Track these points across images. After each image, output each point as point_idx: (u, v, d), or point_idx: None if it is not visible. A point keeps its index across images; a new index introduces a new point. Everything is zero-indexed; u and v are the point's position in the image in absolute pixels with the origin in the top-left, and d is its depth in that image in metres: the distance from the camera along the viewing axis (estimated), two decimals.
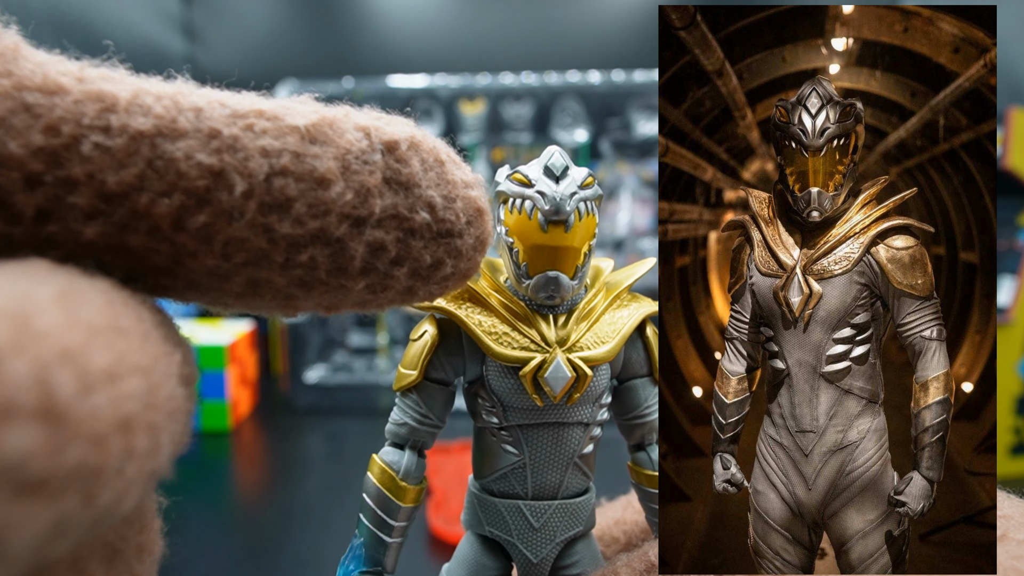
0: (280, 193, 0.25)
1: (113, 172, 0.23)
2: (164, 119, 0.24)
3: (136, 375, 0.20)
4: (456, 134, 1.78)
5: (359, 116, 0.27)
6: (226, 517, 0.98)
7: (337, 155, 0.26)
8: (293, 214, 0.25)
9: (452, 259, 0.28)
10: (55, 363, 0.17)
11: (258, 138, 0.25)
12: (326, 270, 0.26)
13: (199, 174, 0.24)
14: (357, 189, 0.26)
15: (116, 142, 0.23)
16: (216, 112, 0.25)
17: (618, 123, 1.74)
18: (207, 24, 1.85)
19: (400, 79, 1.63)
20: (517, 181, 0.37)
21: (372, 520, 0.39)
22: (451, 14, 2.01)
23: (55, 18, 1.58)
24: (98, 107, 0.23)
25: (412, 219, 0.27)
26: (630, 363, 0.41)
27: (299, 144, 0.25)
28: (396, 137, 0.27)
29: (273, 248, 0.25)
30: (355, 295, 0.28)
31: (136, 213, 0.24)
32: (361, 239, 0.26)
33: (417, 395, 0.39)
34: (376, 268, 0.27)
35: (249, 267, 0.25)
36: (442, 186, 0.28)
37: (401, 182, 0.27)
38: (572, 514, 0.40)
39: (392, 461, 0.39)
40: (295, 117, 0.26)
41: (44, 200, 0.23)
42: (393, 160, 0.27)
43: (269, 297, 0.27)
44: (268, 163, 0.24)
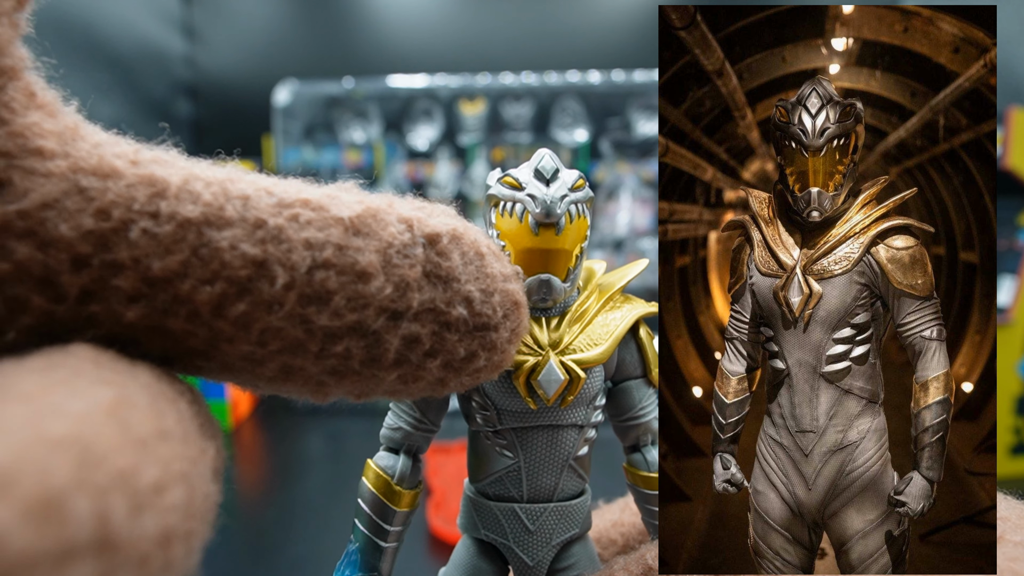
0: (321, 286, 0.25)
1: (158, 258, 0.23)
2: (212, 207, 0.24)
3: (179, 484, 0.20)
4: (456, 134, 1.78)
5: (403, 206, 0.27)
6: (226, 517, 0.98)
7: (379, 248, 0.26)
8: (332, 307, 0.25)
9: (486, 352, 0.28)
10: (111, 491, 0.17)
11: (302, 229, 0.25)
12: (360, 361, 0.26)
13: (242, 264, 0.24)
14: (397, 283, 0.26)
15: (164, 229, 0.23)
16: (263, 201, 0.25)
17: (618, 123, 1.74)
18: (207, 24, 1.85)
19: (400, 79, 1.63)
20: (508, 184, 0.37)
21: (367, 525, 0.39)
22: (451, 14, 2.01)
23: (55, 18, 1.57)
24: (149, 192, 0.24)
25: (449, 313, 0.27)
26: (624, 365, 0.41)
27: (342, 236, 0.25)
28: (438, 230, 0.27)
29: (309, 338, 0.25)
30: (386, 385, 0.27)
31: (178, 298, 0.24)
32: (397, 332, 0.26)
33: (411, 399, 0.39)
34: (409, 360, 0.27)
35: (284, 355, 0.25)
36: (481, 280, 0.28)
37: (441, 276, 0.27)
38: (568, 517, 0.40)
39: (387, 466, 0.39)
40: (340, 208, 0.26)
41: (89, 281, 0.23)
42: (434, 253, 0.27)
43: (301, 383, 0.27)
44: (311, 256, 0.25)
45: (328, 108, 1.63)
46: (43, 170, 0.23)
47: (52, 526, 0.15)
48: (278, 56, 1.83)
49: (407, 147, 1.74)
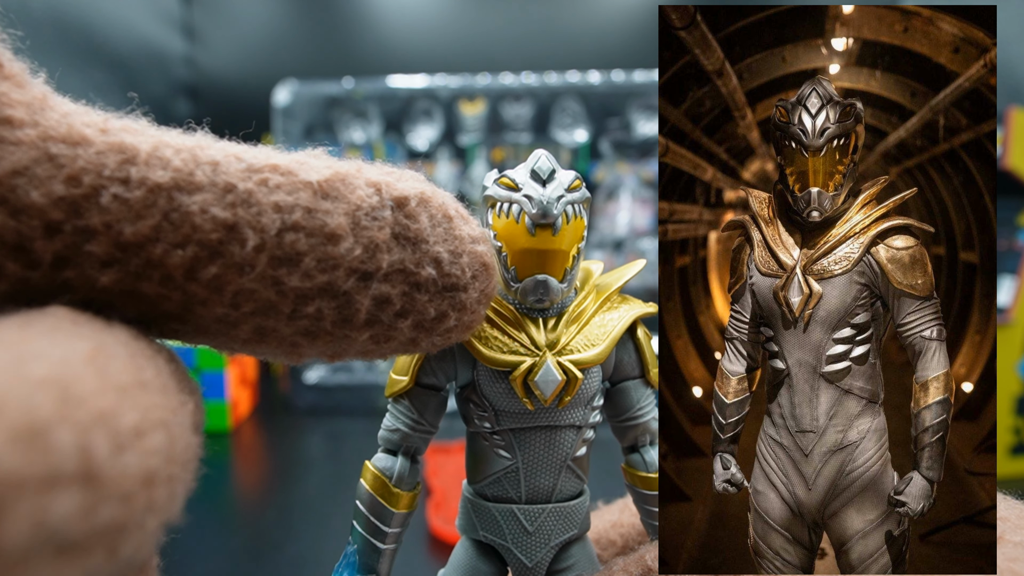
0: (291, 248, 0.25)
1: (130, 223, 0.24)
2: (182, 172, 0.24)
3: (159, 429, 0.20)
4: (456, 134, 1.78)
5: (371, 171, 0.28)
6: (226, 517, 0.98)
7: (348, 211, 0.26)
8: (302, 268, 0.25)
9: (456, 312, 0.29)
10: (93, 427, 0.18)
11: (272, 193, 0.25)
12: (331, 321, 0.27)
13: (213, 227, 0.24)
14: (366, 244, 0.26)
15: (135, 194, 0.24)
16: (232, 166, 0.25)
17: (618, 123, 1.74)
18: (207, 24, 1.85)
19: (400, 79, 1.63)
20: (504, 185, 0.37)
21: (365, 527, 0.39)
22: (451, 14, 2.01)
23: (55, 18, 1.57)
24: (119, 159, 0.24)
25: (418, 274, 0.27)
26: (621, 365, 0.41)
27: (311, 199, 0.26)
28: (406, 193, 0.28)
29: (281, 299, 0.26)
30: (359, 345, 0.28)
31: (150, 263, 0.24)
32: (367, 293, 0.27)
33: (409, 401, 0.39)
34: (380, 320, 0.27)
35: (257, 316, 0.26)
36: (449, 241, 0.28)
37: (409, 238, 0.27)
38: (566, 517, 0.39)
39: (385, 467, 0.39)
40: (308, 172, 0.26)
41: (62, 247, 0.23)
42: (402, 216, 0.27)
43: (275, 344, 0.27)
44: (280, 218, 0.25)
45: (328, 108, 1.63)
46: (12, 139, 0.23)
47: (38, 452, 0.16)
48: (278, 56, 1.83)
49: (407, 147, 1.74)
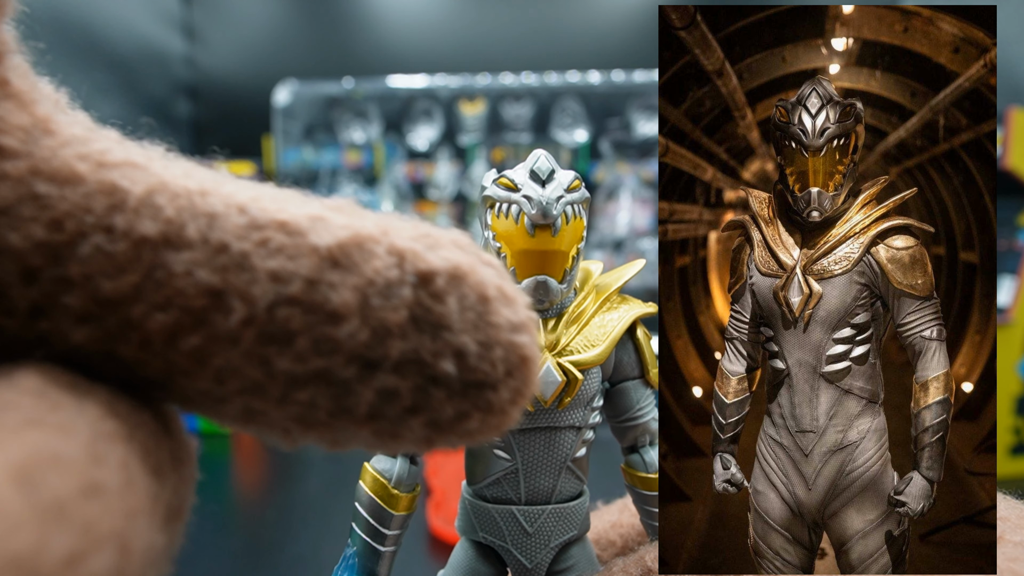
0: (283, 324, 0.22)
1: (110, 278, 0.21)
2: (173, 224, 0.22)
3: (104, 548, 0.18)
4: (456, 134, 1.78)
5: (400, 234, 0.23)
6: (226, 517, 0.98)
7: (358, 285, 0.22)
8: (295, 349, 0.22)
9: (481, 412, 0.24)
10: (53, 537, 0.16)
11: (270, 257, 0.22)
12: (327, 411, 0.23)
13: (197, 292, 0.22)
14: (375, 328, 0.22)
15: (117, 247, 0.21)
16: (231, 221, 0.22)
17: (618, 123, 1.74)
18: (207, 24, 1.85)
19: (400, 79, 1.63)
20: (503, 186, 0.37)
21: (365, 529, 0.39)
22: (451, 14, 2.01)
23: (55, 18, 1.57)
24: (107, 203, 0.22)
25: (436, 367, 0.23)
26: (621, 365, 0.41)
27: (315, 269, 0.22)
28: (434, 268, 0.23)
29: (270, 381, 0.22)
30: (360, 439, 0.24)
31: (129, 324, 0.22)
32: (371, 384, 0.23)
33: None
34: (386, 416, 0.23)
35: (244, 396, 0.23)
36: (480, 330, 0.23)
37: (430, 323, 0.23)
38: (566, 518, 0.39)
39: (384, 469, 0.39)
40: (320, 234, 0.22)
41: (39, 296, 0.22)
42: (425, 295, 0.23)
43: (266, 427, 0.24)
44: (275, 289, 0.22)
45: (328, 108, 1.63)
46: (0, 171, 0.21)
47: None
48: (278, 56, 1.83)
49: (407, 147, 1.74)
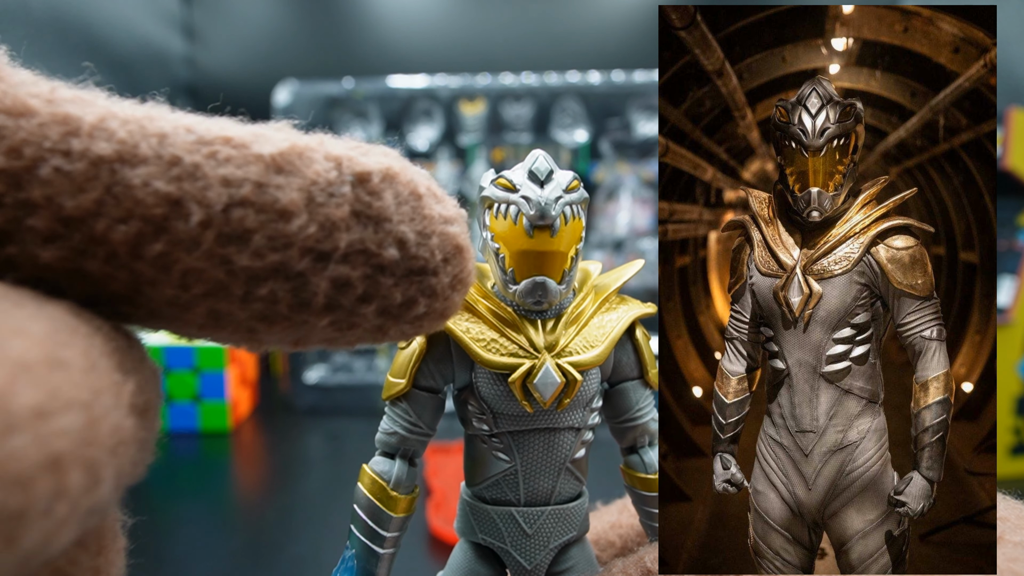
0: (239, 224, 0.24)
1: (71, 197, 0.23)
2: (126, 144, 0.23)
3: (72, 410, 0.19)
4: (456, 134, 1.78)
5: (334, 145, 0.26)
6: (226, 517, 0.98)
7: (302, 186, 0.25)
8: (252, 246, 0.24)
9: (426, 298, 0.27)
10: None
11: (220, 166, 0.24)
12: (288, 305, 0.25)
13: (156, 202, 0.23)
14: (322, 222, 0.25)
15: (76, 167, 0.23)
16: (180, 138, 0.24)
17: (618, 123, 1.74)
18: (207, 24, 1.85)
19: (400, 79, 1.63)
20: (502, 186, 0.36)
21: (363, 531, 0.39)
22: (451, 14, 2.01)
23: (55, 18, 1.57)
24: (62, 130, 0.23)
25: (381, 255, 0.26)
26: (620, 366, 0.41)
27: (262, 174, 0.24)
28: (369, 168, 0.26)
29: (232, 280, 0.24)
30: (320, 332, 0.26)
31: (93, 239, 0.23)
32: (324, 274, 0.25)
33: (407, 404, 0.39)
34: (341, 305, 0.26)
35: (209, 299, 0.25)
36: (417, 221, 0.26)
37: (371, 216, 0.25)
38: (565, 519, 0.39)
39: (383, 471, 0.39)
40: (263, 145, 0.25)
41: (3, 221, 0.23)
42: (364, 192, 0.26)
43: (231, 329, 0.26)
44: (228, 193, 0.24)
45: (328, 108, 1.63)
46: None
47: None
48: (278, 56, 1.83)
49: (407, 147, 1.74)
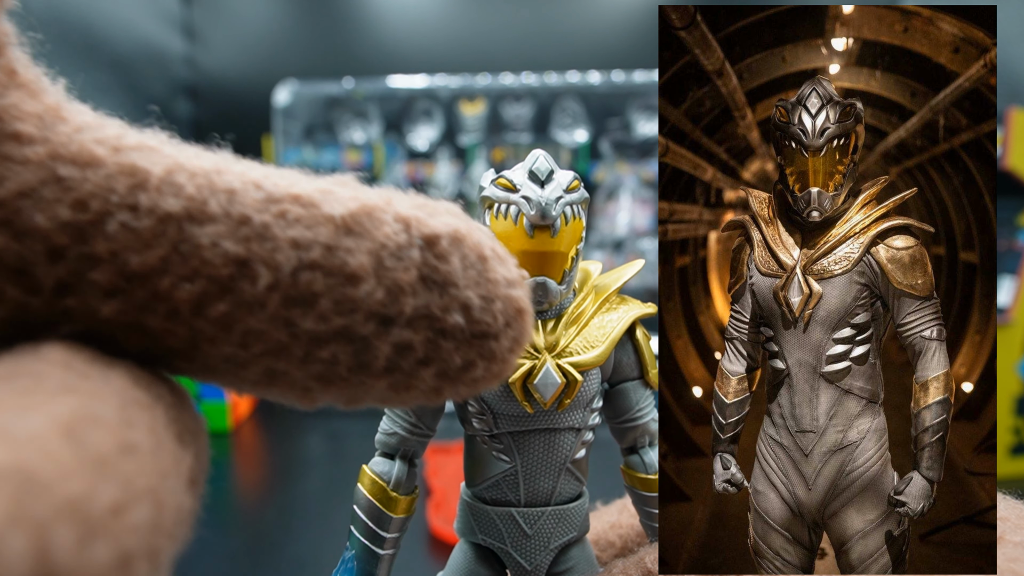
0: (306, 288, 0.23)
1: (137, 253, 0.23)
2: (195, 201, 0.23)
3: (143, 501, 0.19)
4: (456, 134, 1.78)
5: (401, 204, 0.26)
6: (226, 517, 0.98)
7: (372, 250, 0.24)
8: (318, 310, 0.24)
9: (485, 361, 0.27)
10: (56, 522, 0.16)
11: (290, 227, 0.24)
12: (347, 367, 0.25)
13: (224, 262, 0.23)
14: (389, 287, 0.24)
15: (143, 223, 0.23)
16: (250, 196, 0.24)
17: (618, 123, 1.74)
18: (207, 24, 1.85)
19: (400, 79, 1.63)
20: (502, 186, 0.36)
21: (363, 532, 0.38)
22: (451, 14, 2.01)
23: (55, 18, 1.57)
24: (129, 183, 0.23)
25: (445, 320, 0.25)
26: (620, 366, 0.40)
27: (332, 236, 0.24)
28: (438, 232, 0.25)
29: (293, 342, 0.24)
30: (376, 392, 0.26)
31: (156, 295, 0.23)
32: (387, 339, 0.25)
33: (405, 407, 0.39)
34: (401, 368, 0.25)
35: (267, 358, 0.24)
36: (482, 285, 0.26)
37: (437, 281, 0.25)
38: (565, 520, 0.39)
39: (382, 472, 0.39)
40: (332, 205, 0.24)
41: (65, 274, 0.22)
42: (432, 256, 0.25)
43: (286, 388, 0.26)
44: (297, 256, 0.23)
45: (328, 108, 1.63)
46: (20, 157, 0.22)
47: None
48: (278, 56, 1.83)
49: (407, 147, 1.74)
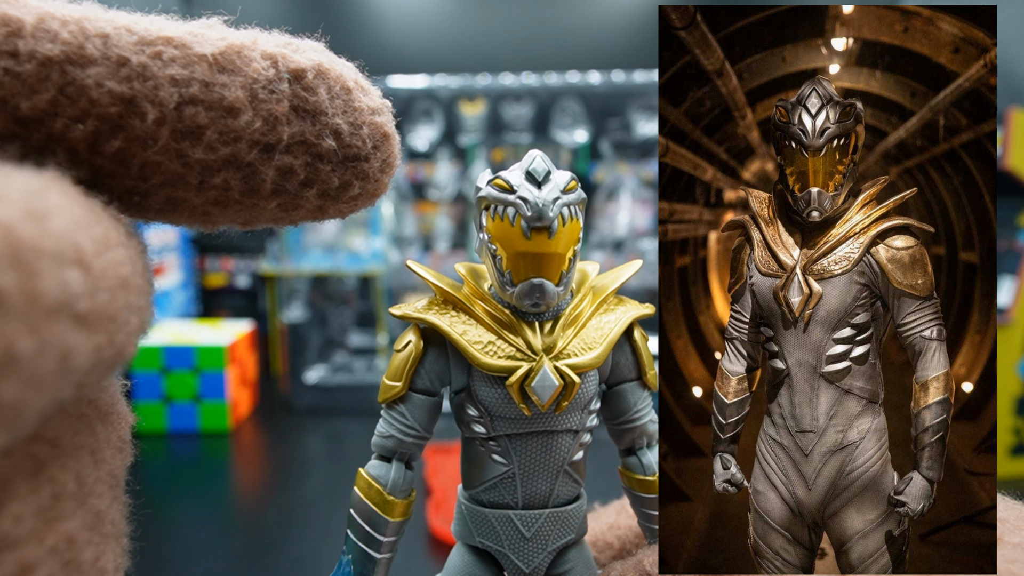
0: (191, 121, 0.25)
1: (25, 98, 0.24)
2: (71, 45, 0.24)
3: (120, 247, 0.22)
4: (456, 134, 1.78)
5: (266, 42, 0.28)
6: (226, 517, 0.98)
7: (245, 84, 0.26)
8: (205, 141, 0.26)
9: (359, 181, 0.30)
10: (76, 228, 0.19)
11: (167, 67, 0.25)
12: (239, 191, 0.27)
13: (111, 101, 0.24)
14: (265, 117, 0.27)
15: (26, 68, 0.24)
16: (123, 39, 0.25)
17: (618, 123, 1.74)
18: None
19: (400, 79, 1.63)
20: (498, 187, 0.36)
21: (360, 536, 0.38)
22: (451, 14, 2.01)
23: None
24: (5, 32, 0.24)
25: (319, 145, 0.28)
26: (618, 368, 0.40)
27: (207, 73, 0.26)
28: (303, 66, 0.28)
29: (187, 171, 0.26)
30: (268, 213, 0.29)
31: (52, 137, 0.24)
32: (271, 164, 0.27)
33: (403, 407, 0.39)
34: (286, 189, 0.28)
35: (166, 188, 0.27)
36: (348, 113, 0.29)
37: (308, 110, 0.28)
38: (563, 522, 0.39)
39: (379, 475, 0.39)
40: (203, 45, 0.26)
41: None
42: (300, 88, 0.28)
43: (187, 214, 0.28)
44: (178, 92, 0.25)
45: None
46: None
47: (45, 230, 0.18)
48: None
49: (407, 147, 1.74)
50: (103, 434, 0.26)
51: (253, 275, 3.27)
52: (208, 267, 3.50)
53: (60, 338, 0.18)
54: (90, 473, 0.25)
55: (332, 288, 2.47)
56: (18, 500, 0.20)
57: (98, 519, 0.24)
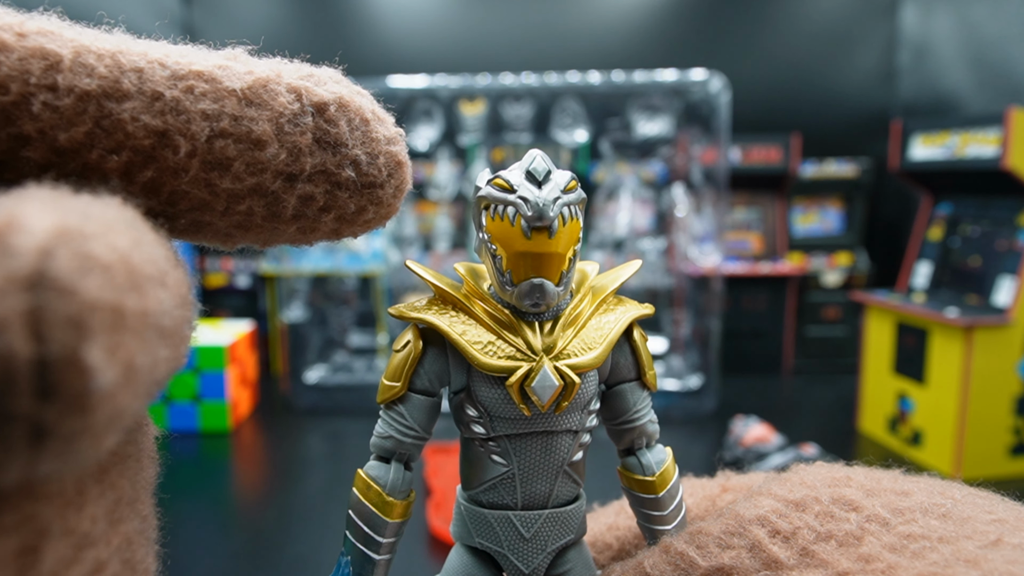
0: (221, 153, 0.27)
1: (63, 130, 0.25)
2: (107, 80, 0.26)
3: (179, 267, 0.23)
4: (456, 134, 1.78)
5: (289, 75, 0.30)
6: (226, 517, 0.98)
7: (271, 118, 0.28)
8: (233, 171, 0.27)
9: (374, 206, 0.32)
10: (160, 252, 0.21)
11: (198, 101, 0.27)
12: (262, 216, 0.29)
13: (145, 134, 0.26)
14: (290, 149, 0.28)
15: (64, 102, 0.25)
16: (157, 74, 0.27)
17: (618, 123, 1.74)
18: (207, 24, 1.85)
19: (400, 79, 1.64)
20: (498, 187, 0.36)
21: (358, 537, 0.38)
22: (451, 14, 2.02)
23: None
24: (43, 65, 0.25)
25: (339, 175, 0.30)
26: (618, 367, 0.40)
27: (237, 107, 0.27)
28: (325, 99, 0.30)
29: (214, 199, 0.28)
30: (288, 235, 0.31)
31: (87, 167, 0.26)
32: (293, 192, 0.29)
33: (402, 407, 0.38)
34: (306, 214, 0.30)
35: (193, 212, 0.28)
36: (367, 144, 0.31)
37: (329, 142, 0.29)
38: (563, 523, 0.39)
39: (378, 476, 0.38)
40: (232, 80, 0.28)
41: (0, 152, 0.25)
42: (323, 121, 0.29)
43: (211, 235, 0.30)
44: (209, 126, 0.27)
45: None
46: None
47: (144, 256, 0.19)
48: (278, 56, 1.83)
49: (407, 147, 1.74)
50: (142, 444, 0.28)
51: (253, 275, 3.27)
52: (208, 267, 3.51)
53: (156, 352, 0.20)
54: (138, 480, 0.26)
55: (332, 288, 2.46)
56: (92, 503, 0.22)
57: (145, 523, 0.26)
